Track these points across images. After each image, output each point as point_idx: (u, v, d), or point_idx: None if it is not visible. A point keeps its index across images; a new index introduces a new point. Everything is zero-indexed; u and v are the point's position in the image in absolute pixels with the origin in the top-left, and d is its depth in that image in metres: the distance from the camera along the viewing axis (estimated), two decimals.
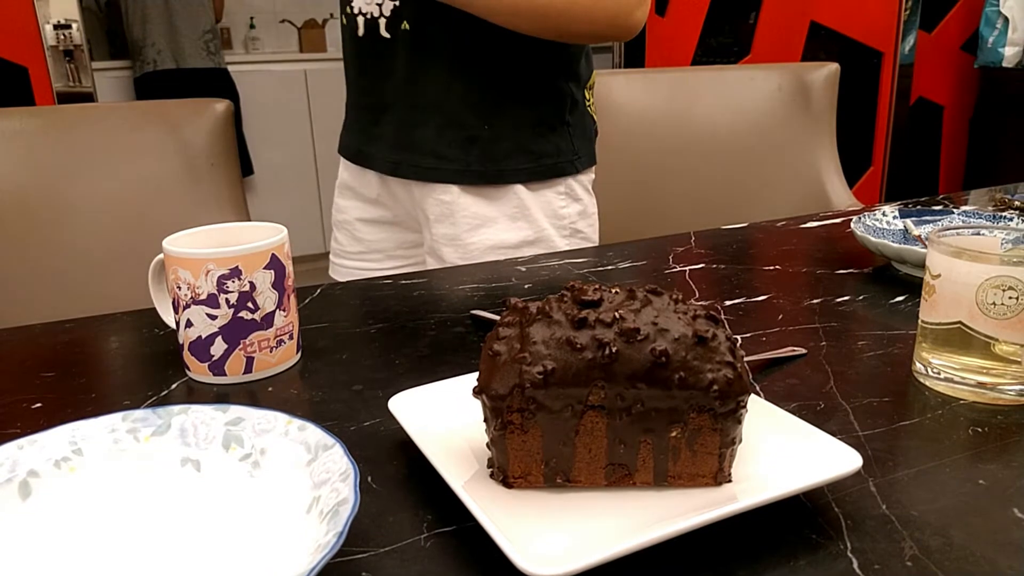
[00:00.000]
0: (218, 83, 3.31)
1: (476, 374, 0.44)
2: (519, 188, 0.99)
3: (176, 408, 0.48)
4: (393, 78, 0.97)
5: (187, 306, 0.60)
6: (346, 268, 1.14)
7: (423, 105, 0.97)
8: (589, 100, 1.07)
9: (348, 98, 1.08)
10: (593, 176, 1.10)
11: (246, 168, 3.49)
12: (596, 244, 1.09)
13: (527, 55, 0.95)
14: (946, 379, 0.56)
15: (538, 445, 0.43)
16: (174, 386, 0.61)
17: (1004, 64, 3.12)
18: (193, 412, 0.48)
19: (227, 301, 0.59)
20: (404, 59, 0.95)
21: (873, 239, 0.83)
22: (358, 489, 0.39)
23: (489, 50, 0.93)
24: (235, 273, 0.59)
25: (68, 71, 2.58)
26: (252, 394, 0.60)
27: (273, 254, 0.61)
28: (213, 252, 0.58)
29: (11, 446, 0.45)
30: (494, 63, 0.95)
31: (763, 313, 0.73)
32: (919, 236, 0.88)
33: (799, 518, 0.42)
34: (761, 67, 1.74)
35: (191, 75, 3.21)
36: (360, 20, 0.97)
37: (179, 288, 0.60)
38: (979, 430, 0.51)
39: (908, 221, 0.92)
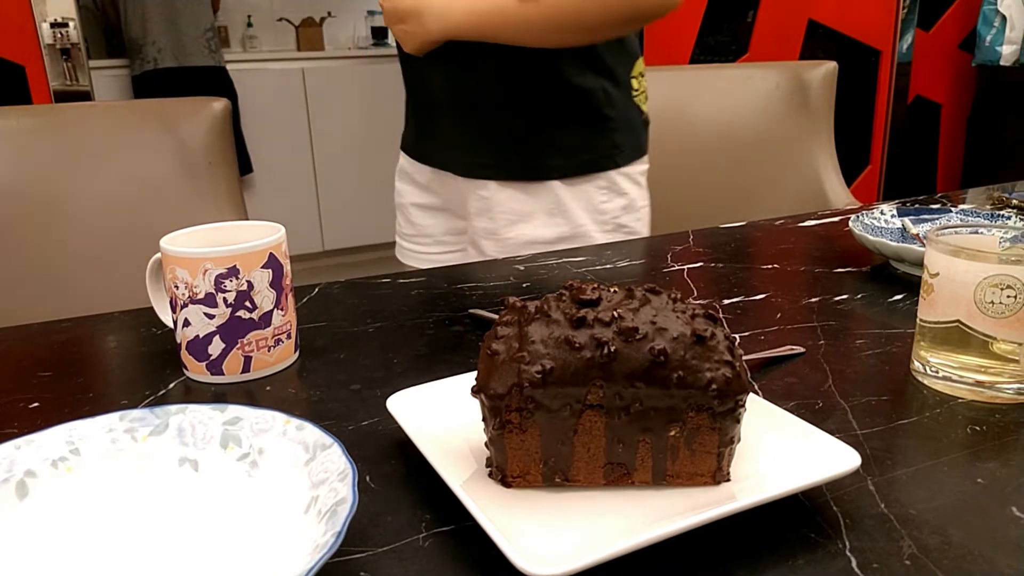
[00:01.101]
0: (216, 81, 3.30)
1: (474, 373, 0.44)
2: (556, 184, 0.99)
3: (174, 408, 0.48)
4: (439, 79, 1.01)
5: (185, 305, 0.60)
6: (404, 249, 1.18)
7: (464, 104, 1.00)
8: (636, 90, 1.04)
9: (407, 95, 1.12)
10: (644, 166, 1.07)
11: (245, 166, 3.48)
12: (644, 238, 1.07)
13: (553, 54, 0.95)
14: (944, 378, 0.56)
15: (537, 444, 0.43)
16: (172, 385, 0.61)
17: (1002, 62, 3.13)
18: (191, 412, 0.48)
19: (225, 300, 0.59)
20: (447, 61, 0.98)
21: (871, 238, 0.83)
22: (356, 489, 0.39)
23: (521, 51, 0.94)
24: (233, 272, 0.59)
25: (65, 70, 2.58)
26: (250, 393, 0.60)
27: (271, 253, 0.61)
28: (211, 251, 0.58)
29: (8, 446, 0.45)
30: (527, 64, 0.95)
31: (761, 312, 0.73)
32: (917, 235, 0.88)
33: (798, 517, 0.42)
34: (759, 66, 1.74)
35: (190, 73, 3.20)
36: None
37: (177, 287, 0.60)
38: (977, 428, 0.51)
39: (906, 220, 0.92)
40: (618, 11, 0.89)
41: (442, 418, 0.49)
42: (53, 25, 2.49)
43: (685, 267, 0.87)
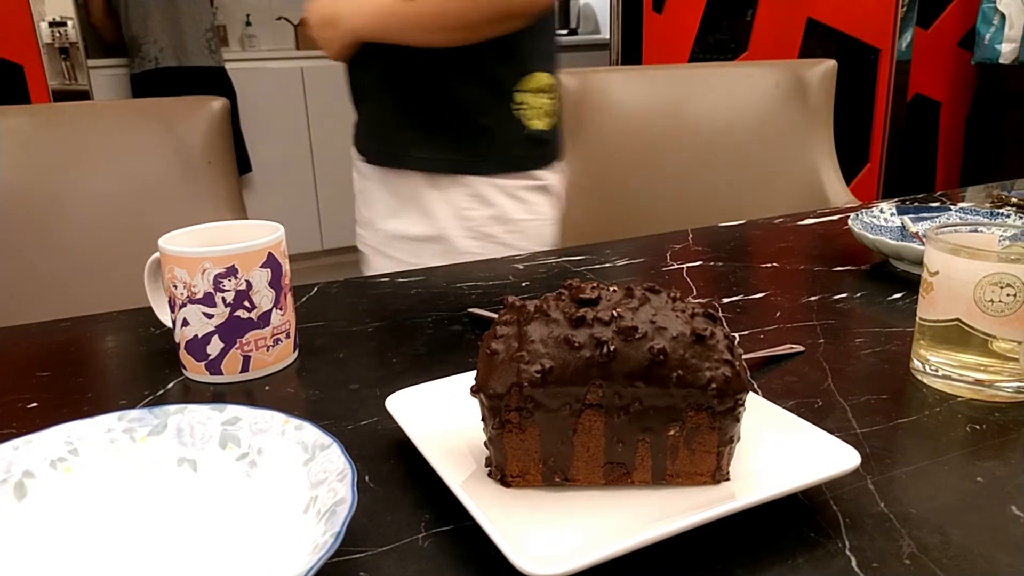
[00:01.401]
0: (215, 80, 3.30)
1: (474, 373, 0.44)
2: (420, 180, 1.03)
3: (172, 408, 0.48)
4: (346, 70, 1.11)
5: (183, 305, 0.60)
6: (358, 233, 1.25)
7: (359, 89, 1.09)
8: (522, 104, 1.03)
9: None
10: (530, 182, 1.06)
11: (244, 165, 3.48)
12: (520, 250, 1.08)
13: (437, 58, 0.99)
14: (944, 376, 0.56)
15: (536, 444, 0.43)
16: (170, 385, 0.61)
17: (1001, 60, 3.12)
18: (189, 412, 0.48)
19: (223, 300, 0.59)
20: (351, 60, 1.08)
21: (871, 236, 0.83)
22: (355, 489, 0.39)
23: (407, 51, 0.99)
24: (231, 272, 0.59)
25: (64, 69, 2.58)
26: (249, 393, 0.60)
27: (270, 252, 0.60)
28: (209, 251, 0.58)
29: (7, 446, 0.45)
30: (409, 63, 1.00)
31: (761, 311, 0.73)
32: (916, 233, 0.88)
33: (797, 516, 0.42)
34: (758, 64, 1.74)
35: (189, 73, 3.20)
36: None
37: (175, 287, 0.60)
38: (977, 427, 0.51)
39: (905, 218, 0.92)
40: (486, 10, 0.92)
41: (441, 418, 0.49)
42: (52, 24, 2.49)
43: (684, 266, 0.87)
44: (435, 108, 1.01)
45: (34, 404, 0.58)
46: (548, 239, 1.11)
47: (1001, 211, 0.91)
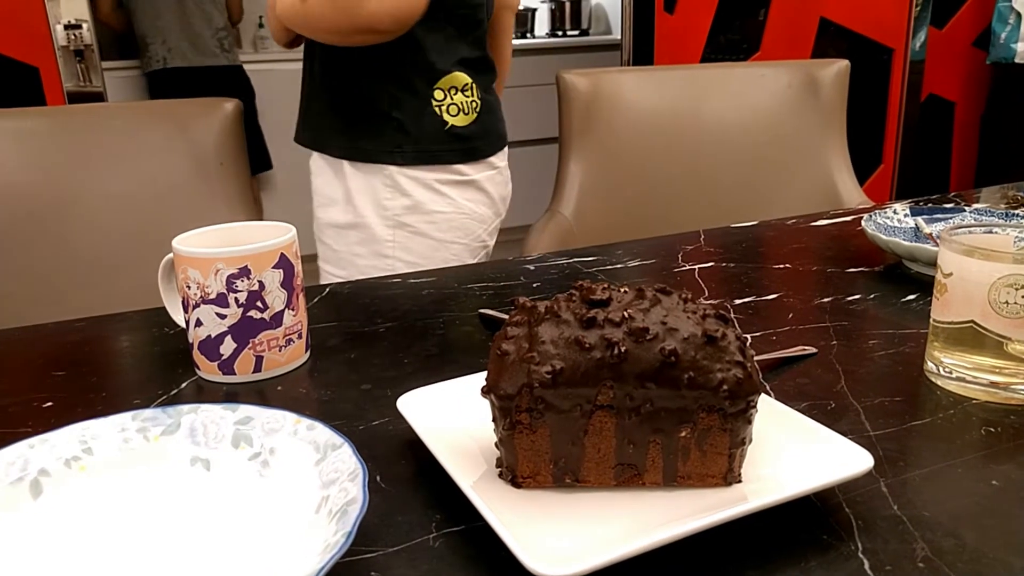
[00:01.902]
0: (232, 79, 3.31)
1: (484, 373, 0.44)
2: (346, 168, 1.11)
3: (186, 407, 0.48)
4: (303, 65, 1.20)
5: (196, 305, 0.60)
6: None
7: (302, 81, 1.18)
8: (440, 101, 1.10)
9: None
10: (448, 176, 1.12)
11: (265, 162, 3.50)
12: (453, 243, 1.15)
13: (351, 55, 1.07)
14: (958, 378, 0.56)
15: (547, 445, 0.43)
16: (184, 385, 0.61)
17: (1016, 60, 3.09)
18: (202, 411, 0.48)
19: (236, 300, 0.59)
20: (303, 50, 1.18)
21: (884, 237, 0.82)
22: (367, 489, 0.39)
23: (322, 44, 1.08)
24: (244, 272, 0.59)
25: (78, 71, 2.60)
26: (261, 393, 0.60)
27: (282, 253, 0.61)
28: (222, 251, 0.59)
29: (22, 445, 0.45)
30: (331, 57, 1.09)
31: (773, 312, 0.73)
32: (930, 234, 0.87)
33: (810, 519, 0.42)
34: (771, 64, 1.73)
35: (202, 72, 3.21)
36: None
37: (189, 287, 0.60)
38: (992, 430, 0.51)
39: (919, 219, 0.92)
40: (353, 22, 0.98)
41: (452, 418, 0.49)
42: (67, 27, 2.51)
43: (696, 267, 0.87)
44: (352, 100, 1.10)
45: (49, 403, 0.59)
46: (479, 234, 1.17)
47: (1016, 212, 0.91)
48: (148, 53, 3.17)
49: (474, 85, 1.12)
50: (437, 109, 1.09)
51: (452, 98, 1.10)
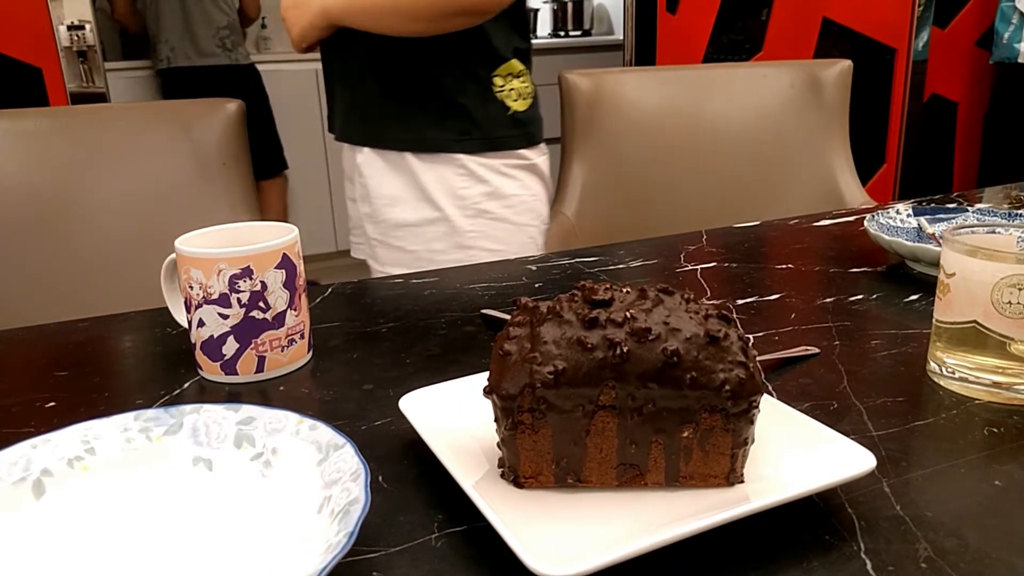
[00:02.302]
0: (243, 80, 3.30)
1: (487, 374, 0.44)
2: (413, 162, 1.07)
3: (188, 407, 0.48)
4: (327, 49, 1.14)
5: (199, 305, 0.60)
6: (351, 242, 1.28)
7: (342, 77, 1.13)
8: (501, 87, 1.09)
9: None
10: (516, 160, 1.12)
11: (280, 163, 3.49)
12: (530, 226, 1.15)
13: (411, 43, 1.03)
14: (961, 379, 0.56)
15: (549, 445, 0.43)
16: (186, 385, 0.61)
17: (1019, 60, 3.09)
18: (205, 411, 0.48)
19: (239, 300, 0.59)
20: (328, 43, 1.11)
21: (887, 237, 0.82)
22: (369, 489, 0.39)
23: (385, 37, 1.04)
24: (247, 272, 0.59)
25: (81, 72, 2.60)
26: (264, 393, 0.60)
27: (284, 254, 0.61)
28: (225, 252, 0.59)
29: (25, 445, 0.45)
30: (380, 44, 1.04)
31: (775, 312, 0.73)
32: (933, 234, 0.87)
33: (812, 519, 0.42)
34: (773, 64, 1.73)
35: (213, 71, 3.20)
36: None
37: (191, 287, 0.60)
38: (994, 430, 0.51)
39: (922, 219, 0.92)
40: (446, 5, 0.97)
41: (454, 418, 0.49)
42: (70, 28, 2.51)
43: (698, 267, 0.87)
44: (414, 90, 1.07)
45: (52, 403, 0.59)
46: (544, 216, 1.17)
47: (1019, 212, 0.90)
48: (156, 52, 3.18)
49: (527, 72, 1.12)
50: (499, 95, 1.09)
51: (510, 84, 1.10)
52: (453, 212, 1.09)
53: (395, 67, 1.06)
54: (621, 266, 0.89)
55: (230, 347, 0.60)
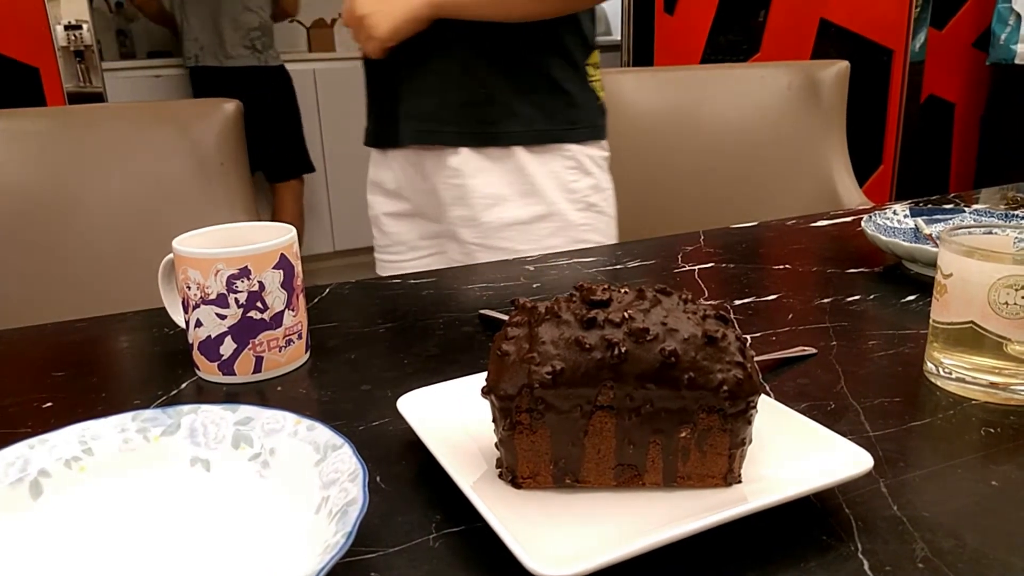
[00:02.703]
0: (273, 80, 3.26)
1: (485, 374, 0.44)
2: (521, 156, 1.02)
3: (186, 408, 0.48)
4: (396, 50, 1.03)
5: (197, 306, 0.60)
6: (382, 261, 1.20)
7: (429, 76, 1.03)
8: (592, 77, 1.08)
9: (368, 88, 1.13)
10: (605, 153, 1.11)
11: (305, 165, 3.47)
12: (614, 218, 1.13)
13: (512, 32, 1.00)
14: (958, 379, 0.56)
15: (547, 445, 0.43)
16: (184, 385, 0.61)
17: (1016, 61, 3.10)
18: (203, 412, 0.48)
19: (236, 301, 0.59)
20: (411, 45, 1.01)
21: (884, 238, 0.82)
22: (367, 489, 0.39)
23: (482, 27, 0.99)
24: (244, 273, 0.59)
25: (78, 72, 2.60)
26: (261, 393, 0.60)
27: (282, 254, 0.61)
28: (222, 252, 0.59)
29: (22, 445, 0.45)
30: (485, 35, 1.00)
31: (773, 313, 0.73)
32: (930, 235, 0.87)
33: (809, 519, 0.42)
34: (771, 65, 1.74)
35: (245, 72, 3.17)
36: None
37: (189, 288, 0.60)
38: (991, 431, 0.51)
39: (919, 220, 0.92)
40: None
41: (452, 419, 0.49)
42: (67, 27, 2.51)
43: (696, 268, 0.87)
44: (525, 80, 1.02)
45: (49, 404, 0.59)
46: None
47: (1016, 213, 0.91)
48: (184, 50, 3.17)
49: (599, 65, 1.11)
50: (591, 84, 1.07)
51: (596, 74, 1.09)
52: (565, 207, 1.05)
53: (503, 59, 1.01)
54: (619, 266, 0.89)
55: (228, 347, 0.60)
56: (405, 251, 1.16)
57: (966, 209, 0.94)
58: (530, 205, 1.03)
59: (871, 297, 0.76)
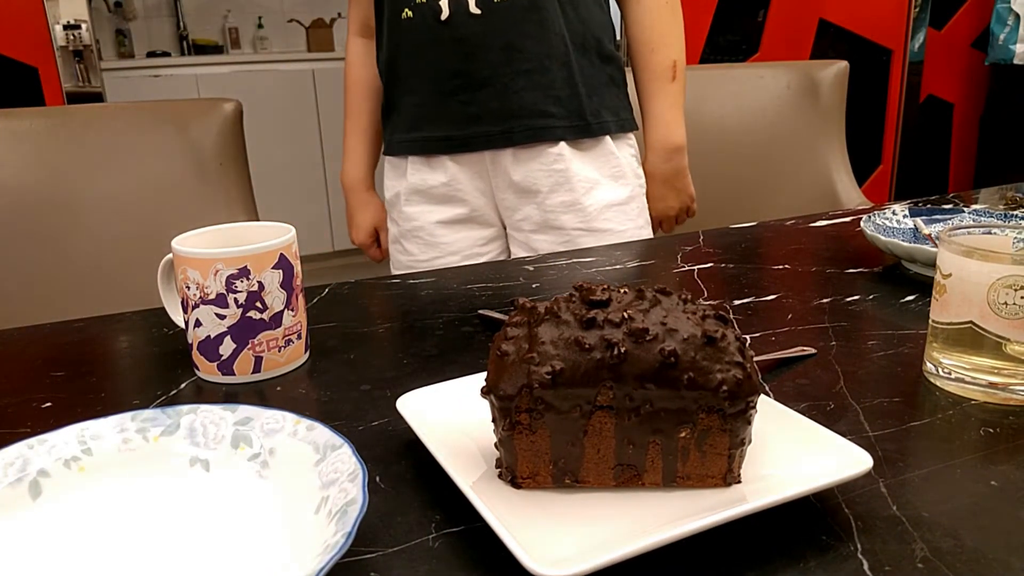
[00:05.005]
0: None
1: (484, 374, 0.44)
2: (610, 144, 1.10)
3: (185, 408, 0.48)
4: (489, 51, 1.01)
5: (196, 306, 0.60)
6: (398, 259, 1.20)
7: (526, 71, 1.03)
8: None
9: (406, 93, 1.09)
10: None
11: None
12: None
13: (594, 23, 1.07)
14: (957, 379, 0.56)
15: (546, 445, 0.43)
16: (183, 385, 0.61)
17: (1015, 61, 3.10)
18: (202, 412, 0.48)
19: (236, 301, 0.59)
20: (500, 30, 1.01)
21: (883, 238, 0.82)
22: (366, 489, 0.39)
23: (566, 13, 1.04)
24: (244, 273, 0.59)
25: (77, 71, 2.60)
26: (261, 394, 0.60)
27: (281, 254, 0.61)
28: (222, 252, 0.59)
29: (21, 445, 0.45)
30: (573, 25, 1.05)
31: (772, 313, 0.73)
32: (929, 235, 0.88)
33: (809, 519, 0.42)
34: (770, 65, 1.74)
35: None
36: (444, 4, 1.00)
37: (188, 288, 0.60)
38: (990, 431, 0.51)
39: (918, 220, 0.92)
40: None
41: (452, 419, 0.49)
42: (66, 27, 2.51)
43: (695, 268, 0.87)
44: (612, 72, 1.10)
45: (48, 404, 0.59)
46: None
47: (1015, 213, 0.91)
48: None
49: None
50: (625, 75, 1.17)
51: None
52: (639, 190, 1.15)
53: (595, 53, 1.08)
54: (618, 267, 0.89)
55: (227, 347, 0.60)
56: (459, 261, 1.12)
57: (965, 209, 0.94)
58: (618, 187, 1.10)
59: (870, 297, 0.76)
